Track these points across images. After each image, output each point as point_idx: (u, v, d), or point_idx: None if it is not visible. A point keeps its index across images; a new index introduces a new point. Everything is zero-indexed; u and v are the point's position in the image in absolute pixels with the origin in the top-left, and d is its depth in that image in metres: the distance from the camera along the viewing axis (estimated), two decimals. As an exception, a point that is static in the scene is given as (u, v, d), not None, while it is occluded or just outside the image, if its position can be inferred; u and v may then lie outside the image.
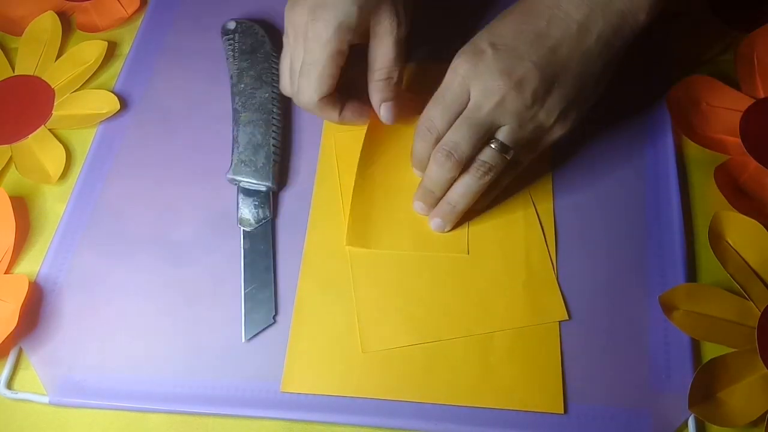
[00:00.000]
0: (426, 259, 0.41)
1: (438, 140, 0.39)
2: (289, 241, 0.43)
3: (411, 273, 0.41)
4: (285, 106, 0.47)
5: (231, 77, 0.48)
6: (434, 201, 0.41)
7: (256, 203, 0.43)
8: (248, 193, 0.44)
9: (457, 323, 0.39)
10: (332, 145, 0.46)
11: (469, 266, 0.41)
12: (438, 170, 0.39)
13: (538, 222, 0.42)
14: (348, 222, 0.42)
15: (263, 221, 0.43)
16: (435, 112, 0.39)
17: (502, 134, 0.38)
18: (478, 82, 0.37)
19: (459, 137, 0.38)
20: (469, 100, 0.38)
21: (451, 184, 0.40)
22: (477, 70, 0.37)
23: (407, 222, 0.42)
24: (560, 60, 0.37)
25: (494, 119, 0.38)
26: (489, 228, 0.42)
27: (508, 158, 0.39)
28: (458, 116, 0.38)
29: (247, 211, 0.43)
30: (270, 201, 0.44)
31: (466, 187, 0.39)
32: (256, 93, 0.46)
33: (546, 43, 0.37)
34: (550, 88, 0.37)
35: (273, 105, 0.46)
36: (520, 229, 0.41)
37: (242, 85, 0.46)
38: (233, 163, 0.44)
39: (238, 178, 0.44)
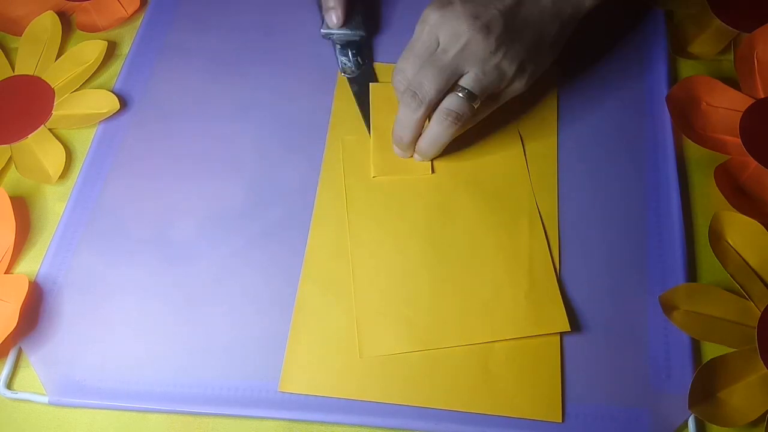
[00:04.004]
0: (428, 267, 0.41)
1: None
2: (291, 242, 0.43)
3: (412, 280, 0.40)
4: None
5: None
6: (406, 146, 0.43)
7: (354, 52, 0.49)
8: (343, 44, 0.49)
9: (457, 332, 0.39)
10: (338, 148, 0.46)
11: (472, 275, 0.40)
12: (404, 111, 0.41)
13: (543, 232, 0.41)
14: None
15: (363, 67, 0.48)
16: (405, 61, 0.41)
17: (466, 80, 0.40)
18: (445, 28, 0.39)
19: (423, 77, 0.40)
20: (438, 47, 0.40)
21: (420, 127, 0.42)
22: (445, 16, 0.39)
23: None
24: (522, 13, 0.40)
25: (459, 63, 0.39)
26: (493, 236, 0.41)
27: (474, 106, 0.40)
28: None
29: (346, 61, 0.48)
30: (365, 48, 0.49)
31: (432, 137, 0.42)
32: None
33: None
34: (513, 37, 0.39)
35: None
36: (525, 238, 0.41)
37: None
38: (325, 20, 0.49)
39: (332, 30, 0.49)
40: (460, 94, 0.40)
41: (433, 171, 0.44)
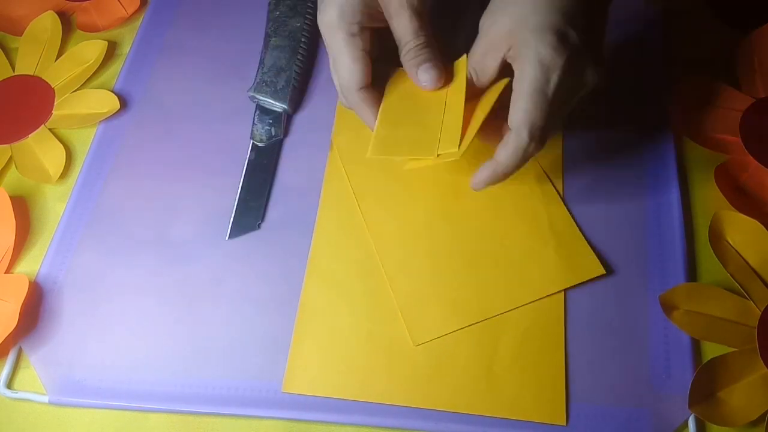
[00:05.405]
0: (454, 245, 0.41)
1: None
2: (294, 242, 0.43)
3: (442, 260, 0.41)
4: (313, 38, 0.49)
5: (269, 3, 0.51)
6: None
7: (271, 121, 0.47)
8: (265, 111, 0.47)
9: (499, 299, 0.39)
10: (341, 148, 0.45)
11: (498, 243, 0.41)
12: (520, 153, 0.36)
13: (553, 189, 0.42)
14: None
15: (274, 139, 0.46)
16: (539, 110, 0.35)
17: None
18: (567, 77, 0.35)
19: (552, 126, 0.36)
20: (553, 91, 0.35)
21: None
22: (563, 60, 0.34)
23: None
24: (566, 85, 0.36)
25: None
26: (507, 201, 0.42)
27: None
28: None
29: (261, 127, 0.47)
30: (283, 122, 0.47)
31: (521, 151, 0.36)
32: (288, 21, 0.49)
33: None
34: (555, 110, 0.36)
35: (302, 35, 0.49)
36: (538, 198, 0.42)
37: (278, 12, 0.50)
38: (256, 82, 0.47)
39: (258, 96, 0.47)
40: None
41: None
